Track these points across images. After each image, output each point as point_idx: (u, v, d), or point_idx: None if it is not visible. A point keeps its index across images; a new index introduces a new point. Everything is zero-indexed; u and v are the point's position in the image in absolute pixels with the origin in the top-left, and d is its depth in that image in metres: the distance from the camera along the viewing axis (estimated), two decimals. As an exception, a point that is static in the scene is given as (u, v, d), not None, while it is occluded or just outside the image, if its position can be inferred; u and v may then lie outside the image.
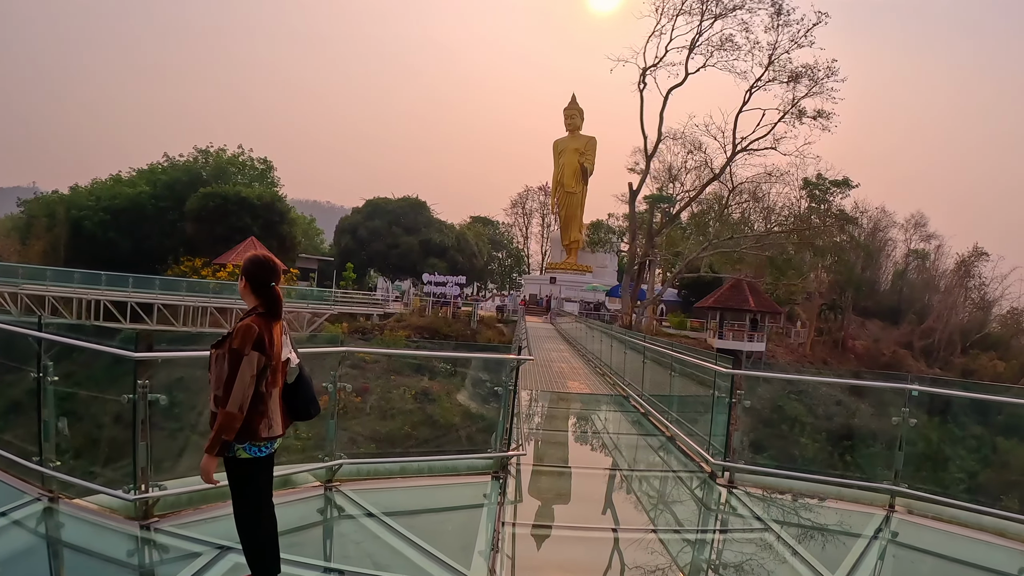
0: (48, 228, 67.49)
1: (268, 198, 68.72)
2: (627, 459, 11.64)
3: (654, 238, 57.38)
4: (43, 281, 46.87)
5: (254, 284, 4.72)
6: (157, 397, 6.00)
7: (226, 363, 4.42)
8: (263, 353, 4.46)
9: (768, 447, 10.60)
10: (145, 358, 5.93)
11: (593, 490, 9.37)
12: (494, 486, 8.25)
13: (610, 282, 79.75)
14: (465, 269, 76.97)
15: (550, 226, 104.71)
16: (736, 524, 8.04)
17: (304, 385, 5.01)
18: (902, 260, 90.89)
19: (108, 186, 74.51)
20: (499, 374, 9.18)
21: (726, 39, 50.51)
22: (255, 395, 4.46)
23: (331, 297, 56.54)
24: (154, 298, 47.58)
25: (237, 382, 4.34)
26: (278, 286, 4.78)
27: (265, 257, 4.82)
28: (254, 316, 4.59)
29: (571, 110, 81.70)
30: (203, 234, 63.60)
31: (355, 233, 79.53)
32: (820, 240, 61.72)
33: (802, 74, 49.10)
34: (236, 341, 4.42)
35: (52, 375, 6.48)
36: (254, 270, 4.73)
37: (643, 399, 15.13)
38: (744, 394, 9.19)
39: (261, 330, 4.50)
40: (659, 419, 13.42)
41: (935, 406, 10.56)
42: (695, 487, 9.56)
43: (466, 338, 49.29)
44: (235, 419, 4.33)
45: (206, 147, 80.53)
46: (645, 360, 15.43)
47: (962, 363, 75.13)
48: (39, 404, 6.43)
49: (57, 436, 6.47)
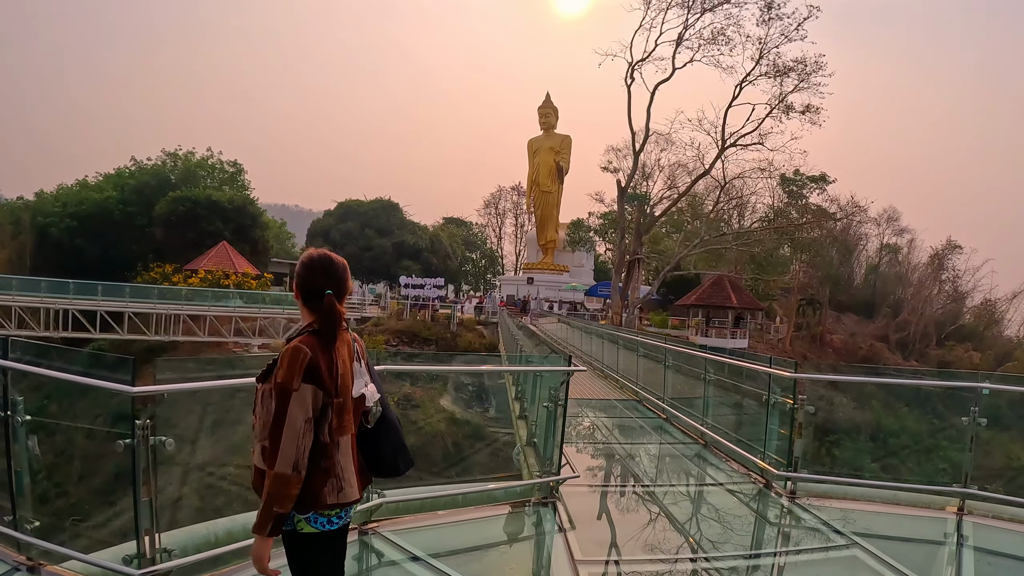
0: (13, 236, 66.09)
1: (240, 201, 67.45)
2: (670, 472, 10.70)
3: (641, 236, 56.88)
4: (8, 291, 45.18)
5: (305, 293, 3.42)
6: (162, 440, 4.62)
7: (273, 403, 3.17)
8: (320, 386, 3.18)
9: (819, 452, 9.97)
10: (145, 393, 4.52)
11: (648, 511, 8.39)
12: (544, 514, 7.37)
13: (587, 281, 79.28)
14: (440, 271, 76.22)
15: (524, 226, 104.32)
16: (817, 540, 7.31)
17: (389, 429, 3.65)
18: (875, 254, 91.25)
19: (74, 192, 72.78)
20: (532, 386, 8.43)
21: (718, 32, 50.32)
22: (315, 447, 3.20)
23: (307, 302, 54.53)
24: (125, 306, 46.14)
25: (287, 430, 3.08)
26: (339, 295, 3.42)
27: (320, 256, 3.47)
28: (305, 336, 3.29)
29: (545, 108, 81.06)
30: (173, 239, 62.16)
31: (327, 236, 78.56)
32: (798, 235, 61.73)
33: (791, 68, 49.00)
34: (281, 371, 3.15)
35: (22, 413, 5.06)
36: (305, 274, 3.43)
37: (664, 403, 14.39)
38: (806, 399, 8.46)
39: (315, 355, 3.20)
40: (687, 425, 12.65)
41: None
42: (756, 501, 8.74)
43: (446, 341, 48.72)
44: (289, 483, 3.08)
45: (174, 150, 78.90)
46: (667, 364, 14.70)
47: (938, 355, 75.66)
48: (8, 451, 5.05)
49: (34, 483, 5.25)
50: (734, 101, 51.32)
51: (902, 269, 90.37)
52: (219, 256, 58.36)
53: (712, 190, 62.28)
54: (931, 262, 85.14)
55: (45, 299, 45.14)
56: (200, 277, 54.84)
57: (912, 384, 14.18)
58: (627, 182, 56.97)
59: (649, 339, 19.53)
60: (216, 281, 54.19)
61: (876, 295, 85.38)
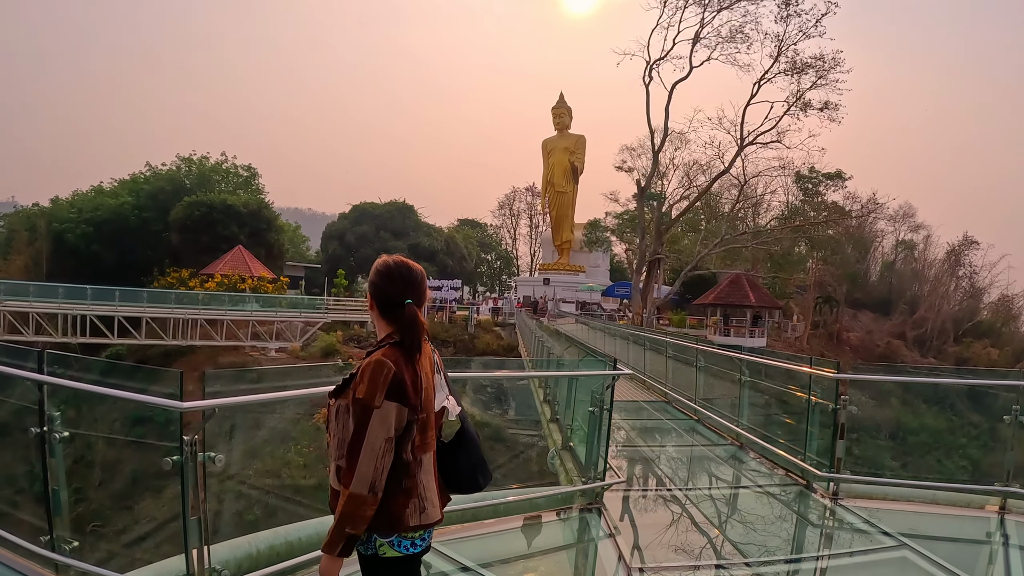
0: (29, 242, 65.94)
1: (254, 205, 67.33)
2: (708, 474, 10.48)
3: (662, 236, 56.78)
4: (26, 297, 45.19)
5: (382, 303, 3.22)
6: (211, 456, 4.37)
7: (351, 420, 2.97)
8: (404, 404, 2.96)
9: (858, 453, 9.79)
10: (195, 408, 4.23)
11: (691, 514, 8.14)
12: (591, 520, 7.21)
13: (604, 282, 78.91)
14: (455, 272, 76.06)
15: (539, 227, 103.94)
16: (865, 542, 7.12)
17: (469, 443, 3.44)
18: (891, 251, 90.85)
19: (90, 198, 72.84)
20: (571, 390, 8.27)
21: (736, 30, 50.14)
22: (397, 465, 2.99)
23: (323, 305, 55.32)
24: (142, 311, 46.13)
25: (365, 449, 2.88)
26: (418, 304, 3.22)
27: (397, 263, 3.25)
28: (387, 348, 3.06)
29: (559, 109, 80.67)
30: (189, 244, 62.08)
31: (342, 239, 78.60)
32: (815, 233, 61.48)
33: (809, 65, 48.77)
34: (362, 387, 2.92)
35: (60, 429, 4.86)
36: (381, 283, 3.22)
37: (696, 404, 14.25)
38: (848, 399, 8.32)
39: (399, 369, 2.98)
40: (720, 426, 12.47)
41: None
42: (799, 503, 8.56)
43: (464, 343, 48.71)
44: (365, 504, 2.89)
45: (189, 155, 78.67)
46: (698, 365, 14.56)
47: (956, 352, 75.20)
48: (44, 468, 4.81)
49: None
50: (752, 99, 51.17)
51: (918, 265, 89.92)
52: (235, 260, 58.34)
53: (727, 188, 62.15)
54: (947, 258, 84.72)
55: (62, 305, 45.07)
56: (216, 281, 54.79)
57: (954, 384, 14.06)
58: (646, 181, 56.86)
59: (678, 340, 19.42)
60: (232, 285, 54.20)
61: (892, 292, 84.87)
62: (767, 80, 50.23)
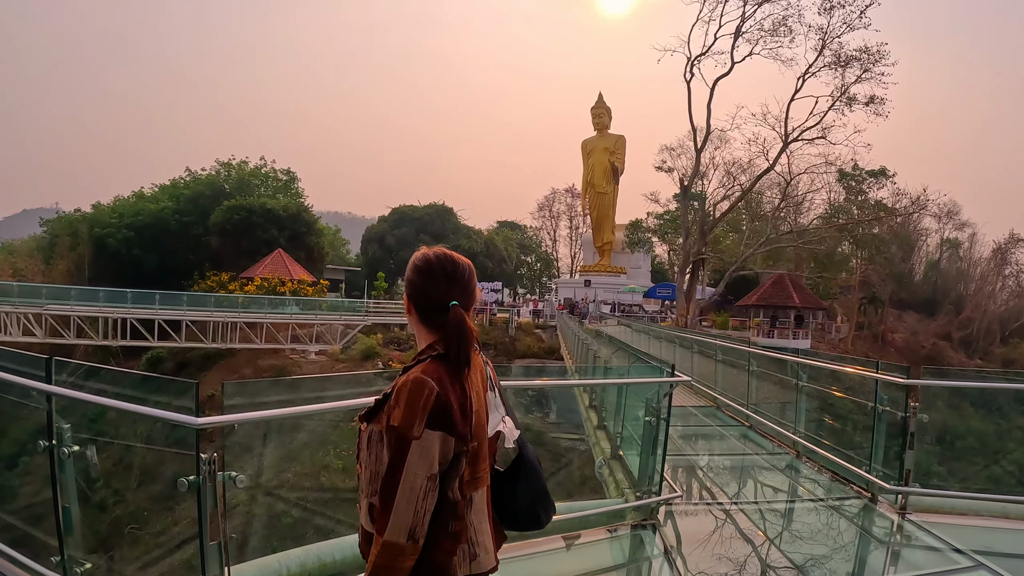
0: (71, 247, 66.89)
1: (294, 209, 67.57)
2: (765, 487, 9.95)
3: (706, 236, 56.00)
4: (68, 301, 45.82)
5: (422, 305, 2.60)
6: (231, 476, 3.94)
7: (384, 450, 2.39)
8: (450, 433, 2.33)
9: (887, 456, 9.42)
10: (211, 424, 3.81)
11: (749, 528, 7.63)
12: (646, 538, 6.74)
13: (645, 283, 78.04)
14: (495, 275, 75.89)
15: (579, 228, 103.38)
16: (938, 561, 6.60)
17: (529, 473, 2.77)
18: (935, 250, 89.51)
19: (131, 203, 73.66)
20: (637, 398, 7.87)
21: (779, 23, 49.38)
22: (441, 506, 2.37)
23: (363, 308, 55.08)
24: (182, 314, 46.51)
25: (402, 489, 2.27)
26: (466, 307, 2.59)
27: (439, 256, 2.59)
28: (428, 363, 2.42)
29: (598, 109, 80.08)
30: (229, 248, 62.49)
31: (382, 242, 78.78)
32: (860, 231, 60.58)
33: (854, 58, 47.95)
34: (398, 412, 2.32)
35: (70, 443, 4.46)
36: (420, 280, 2.59)
37: (748, 410, 13.78)
38: (920, 407, 7.82)
39: (444, 389, 2.33)
40: (775, 433, 11.93)
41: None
42: (864, 517, 8.04)
43: (505, 346, 48.36)
44: (403, 554, 2.28)
45: (228, 160, 79.47)
46: (751, 369, 14.11)
47: (1003, 352, 74.08)
48: (54, 484, 4.40)
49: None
50: (796, 94, 50.20)
51: (963, 264, 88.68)
52: (275, 263, 58.49)
53: (767, 188, 61.38)
54: (994, 256, 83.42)
55: (103, 308, 45.60)
56: (256, 285, 55.04)
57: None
58: (689, 180, 56.27)
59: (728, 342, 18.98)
60: (272, 288, 54.39)
61: (937, 292, 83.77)
62: (811, 74, 49.36)
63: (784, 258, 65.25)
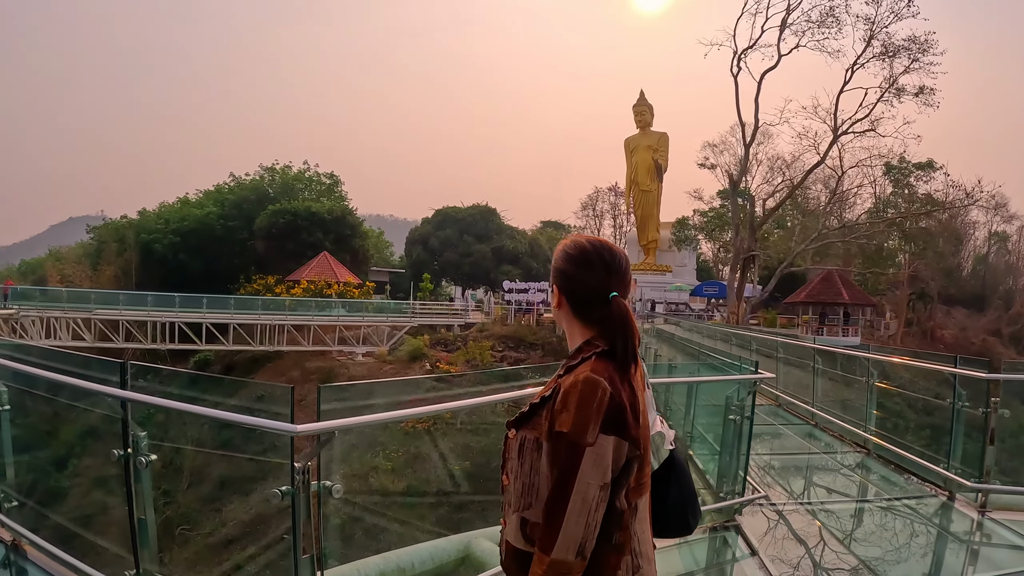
0: (118, 253, 67.77)
1: (339, 212, 67.89)
2: (838, 485, 9.78)
3: (755, 232, 55.45)
4: (116, 306, 46.40)
5: (576, 298, 2.35)
6: (327, 486, 3.75)
7: (545, 460, 2.15)
8: (624, 437, 2.09)
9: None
10: (310, 432, 3.55)
11: (827, 528, 7.43)
12: (729, 539, 6.61)
13: (691, 281, 77.39)
14: (540, 275, 75.50)
15: (623, 227, 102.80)
16: (1022, 562, 6.42)
17: (680, 475, 2.55)
18: (983, 243, 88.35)
19: (176, 208, 74.57)
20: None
21: (826, 14, 48.83)
22: (607, 516, 2.11)
23: (409, 309, 55.31)
24: (229, 318, 46.90)
25: (574, 501, 2.03)
26: (624, 297, 2.31)
27: (595, 245, 2.36)
28: (594, 361, 2.19)
29: (640, 106, 79.58)
30: (274, 251, 62.89)
31: (426, 243, 78.80)
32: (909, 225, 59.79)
33: (902, 48, 47.34)
34: (566, 417, 2.07)
35: (147, 452, 4.20)
36: (573, 270, 2.34)
37: (814, 408, 13.52)
38: (999, 402, 7.52)
39: (616, 389, 2.11)
40: (842, 430, 11.80)
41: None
42: (943, 516, 7.90)
43: (552, 345, 48.18)
44: (569, 572, 2.05)
45: (271, 164, 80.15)
46: (816, 366, 13.85)
47: (1054, 348, 72.74)
48: (129, 495, 4.20)
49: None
50: (845, 86, 49.60)
51: (1012, 258, 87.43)
52: (320, 266, 58.78)
53: (813, 182, 60.83)
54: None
55: (152, 313, 46.06)
56: (302, 287, 55.29)
57: None
58: (738, 176, 55.86)
59: (791, 340, 18.75)
60: (318, 291, 54.60)
61: (986, 287, 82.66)
62: (860, 66, 48.77)
63: (831, 254, 64.55)
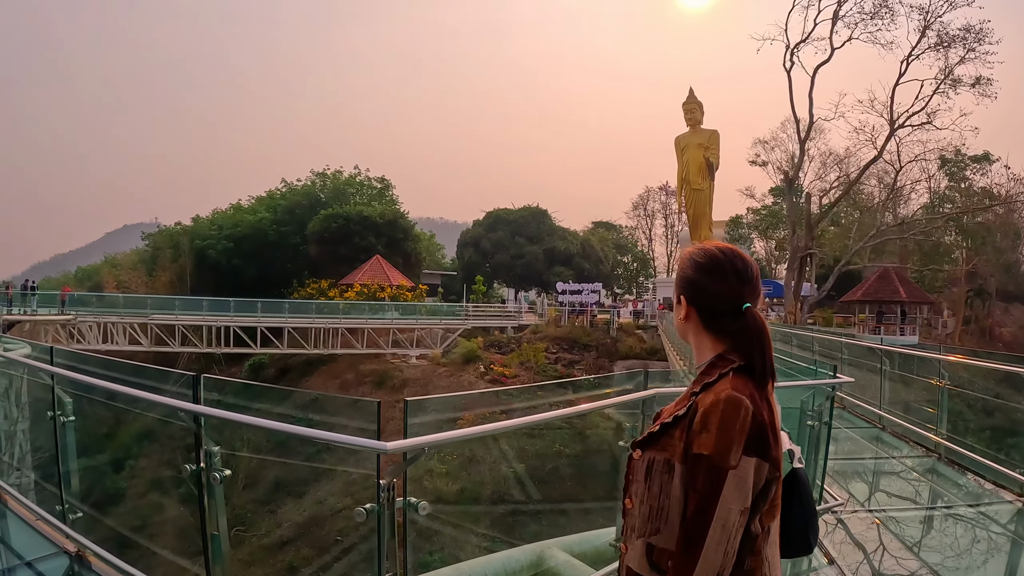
0: (173, 259, 69.21)
1: (391, 215, 68.22)
2: (909, 490, 9.71)
3: (812, 230, 54.72)
4: (172, 311, 47.14)
5: (706, 310, 2.25)
6: (412, 503, 3.64)
7: (679, 483, 2.05)
8: (766, 457, 2.00)
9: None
10: (400, 449, 3.34)
11: (900, 536, 7.34)
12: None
13: (744, 280, 76.74)
14: (592, 276, 75.02)
15: (675, 226, 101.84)
16: None
17: (803, 493, 2.35)
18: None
19: (229, 215, 75.82)
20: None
21: (879, 4, 48.03)
22: (742, 542, 1.99)
23: (462, 311, 55.55)
24: (284, 322, 47.36)
25: (715, 528, 1.93)
26: (757, 307, 2.22)
27: (726, 253, 2.24)
28: (733, 378, 2.09)
29: (690, 104, 78.66)
30: (327, 256, 63.29)
31: (477, 246, 78.67)
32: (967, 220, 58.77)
33: (957, 38, 46.35)
34: (707, 438, 1.98)
35: (220, 467, 4.05)
36: (702, 279, 2.24)
37: (881, 411, 13.27)
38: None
39: (758, 408, 2.02)
40: (911, 434, 11.46)
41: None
42: (1020, 523, 7.69)
43: (606, 347, 48.04)
44: None
45: (323, 170, 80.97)
46: (883, 368, 13.59)
47: (1115, 348, 71.06)
48: (201, 511, 4.10)
49: None
50: (901, 78, 48.73)
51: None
52: (373, 270, 59.01)
53: (867, 178, 59.89)
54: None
55: (207, 317, 46.95)
56: (356, 291, 55.55)
57: None
58: (794, 172, 55.39)
59: (854, 340, 18.47)
60: (372, 294, 54.81)
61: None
62: (914, 57, 47.81)
63: (887, 251, 63.56)
